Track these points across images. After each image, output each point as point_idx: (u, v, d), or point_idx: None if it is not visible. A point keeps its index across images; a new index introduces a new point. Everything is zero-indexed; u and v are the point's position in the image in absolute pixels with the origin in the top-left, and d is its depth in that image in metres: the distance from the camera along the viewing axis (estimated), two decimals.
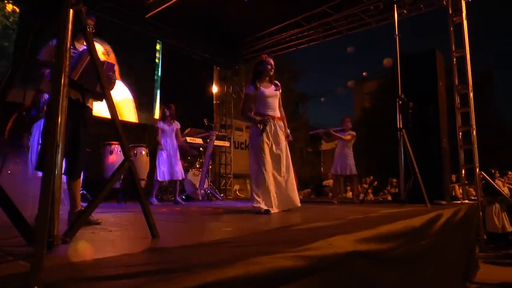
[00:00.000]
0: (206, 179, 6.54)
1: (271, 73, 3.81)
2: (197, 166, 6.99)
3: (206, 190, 6.48)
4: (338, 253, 1.73)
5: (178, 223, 2.66)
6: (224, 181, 9.79)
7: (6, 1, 5.33)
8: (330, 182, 14.09)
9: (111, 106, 1.78)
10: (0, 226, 1.64)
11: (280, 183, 3.70)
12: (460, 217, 4.27)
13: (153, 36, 8.34)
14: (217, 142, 6.86)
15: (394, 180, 9.98)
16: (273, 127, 3.70)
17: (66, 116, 2.53)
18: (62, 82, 1.43)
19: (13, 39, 5.34)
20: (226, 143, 7.76)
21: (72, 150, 2.62)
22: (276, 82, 3.87)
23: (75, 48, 2.73)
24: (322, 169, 21.73)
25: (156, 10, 7.65)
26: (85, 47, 2.84)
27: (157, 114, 8.19)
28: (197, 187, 6.26)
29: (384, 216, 3.20)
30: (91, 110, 2.82)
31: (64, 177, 2.69)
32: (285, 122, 3.93)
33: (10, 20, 5.35)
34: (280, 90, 3.90)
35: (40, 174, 2.62)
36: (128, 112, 7.41)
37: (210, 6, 7.75)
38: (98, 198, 1.65)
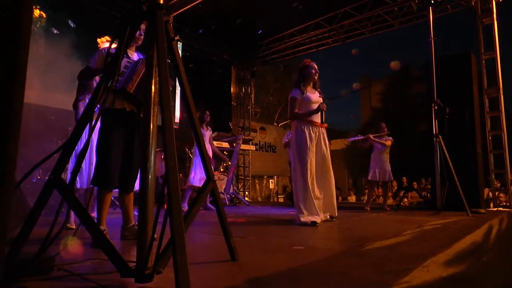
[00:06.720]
0: (231, 184, 6.46)
1: (316, 78, 3.73)
2: (221, 170, 6.91)
3: (232, 194, 6.39)
4: (435, 279, 1.65)
5: (236, 238, 2.55)
6: (242, 183, 9.69)
7: (34, 7, 5.26)
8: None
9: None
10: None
11: (322, 190, 3.63)
12: (505, 226, 4.17)
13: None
14: (243, 146, 6.78)
15: (414, 183, 9.87)
16: (317, 133, 3.62)
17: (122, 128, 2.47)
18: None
19: (41, 44, 5.27)
20: (252, 147, 7.68)
21: (126, 162, 2.52)
22: (319, 90, 3.78)
23: (128, 56, 2.62)
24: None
25: (178, 12, 7.57)
26: (139, 56, 2.75)
27: (177, 117, 8.11)
28: (223, 191, 6.18)
29: (439, 228, 3.11)
30: None
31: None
32: (326, 130, 3.85)
33: (37, 25, 5.29)
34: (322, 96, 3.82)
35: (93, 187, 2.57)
36: None
37: (230, 7, 7.66)
38: (186, 222, 1.57)
